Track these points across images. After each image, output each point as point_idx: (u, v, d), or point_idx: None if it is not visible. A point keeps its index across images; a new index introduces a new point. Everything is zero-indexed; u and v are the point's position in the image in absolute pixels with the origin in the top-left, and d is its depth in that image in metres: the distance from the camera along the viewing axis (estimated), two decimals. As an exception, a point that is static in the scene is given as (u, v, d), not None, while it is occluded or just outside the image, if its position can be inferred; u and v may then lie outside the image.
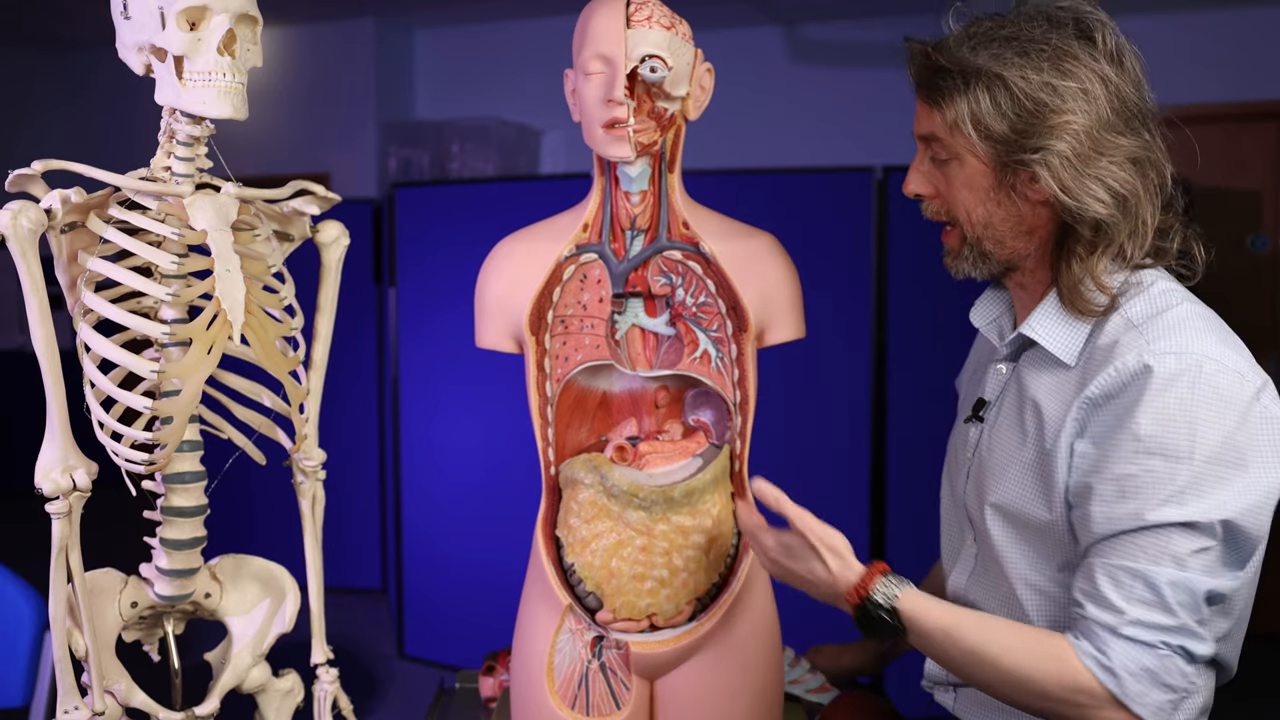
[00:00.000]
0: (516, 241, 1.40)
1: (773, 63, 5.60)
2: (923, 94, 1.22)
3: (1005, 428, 1.29)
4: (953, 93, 1.15)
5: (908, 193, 1.28)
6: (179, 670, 1.40)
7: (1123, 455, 1.11)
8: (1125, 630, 1.08)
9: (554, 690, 1.35)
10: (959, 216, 1.24)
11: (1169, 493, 1.08)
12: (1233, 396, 1.09)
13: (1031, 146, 1.13)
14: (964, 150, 1.19)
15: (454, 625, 3.73)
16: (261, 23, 1.23)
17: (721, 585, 1.36)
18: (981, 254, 1.24)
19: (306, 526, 1.42)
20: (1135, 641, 1.08)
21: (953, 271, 1.29)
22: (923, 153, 1.26)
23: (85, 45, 6.66)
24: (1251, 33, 4.29)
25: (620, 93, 1.25)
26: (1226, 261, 4.76)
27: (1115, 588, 1.09)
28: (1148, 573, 1.08)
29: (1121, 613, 1.09)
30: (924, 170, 1.26)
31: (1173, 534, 1.08)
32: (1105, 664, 1.08)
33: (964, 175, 1.20)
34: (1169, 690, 1.08)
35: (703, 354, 1.37)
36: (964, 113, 1.15)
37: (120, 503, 1.52)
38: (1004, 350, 1.32)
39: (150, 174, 1.26)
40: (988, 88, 1.13)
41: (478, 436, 3.62)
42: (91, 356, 1.24)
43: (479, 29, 6.10)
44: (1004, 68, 1.13)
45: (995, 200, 1.20)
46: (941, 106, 1.17)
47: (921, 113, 1.24)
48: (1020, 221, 1.21)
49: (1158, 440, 1.09)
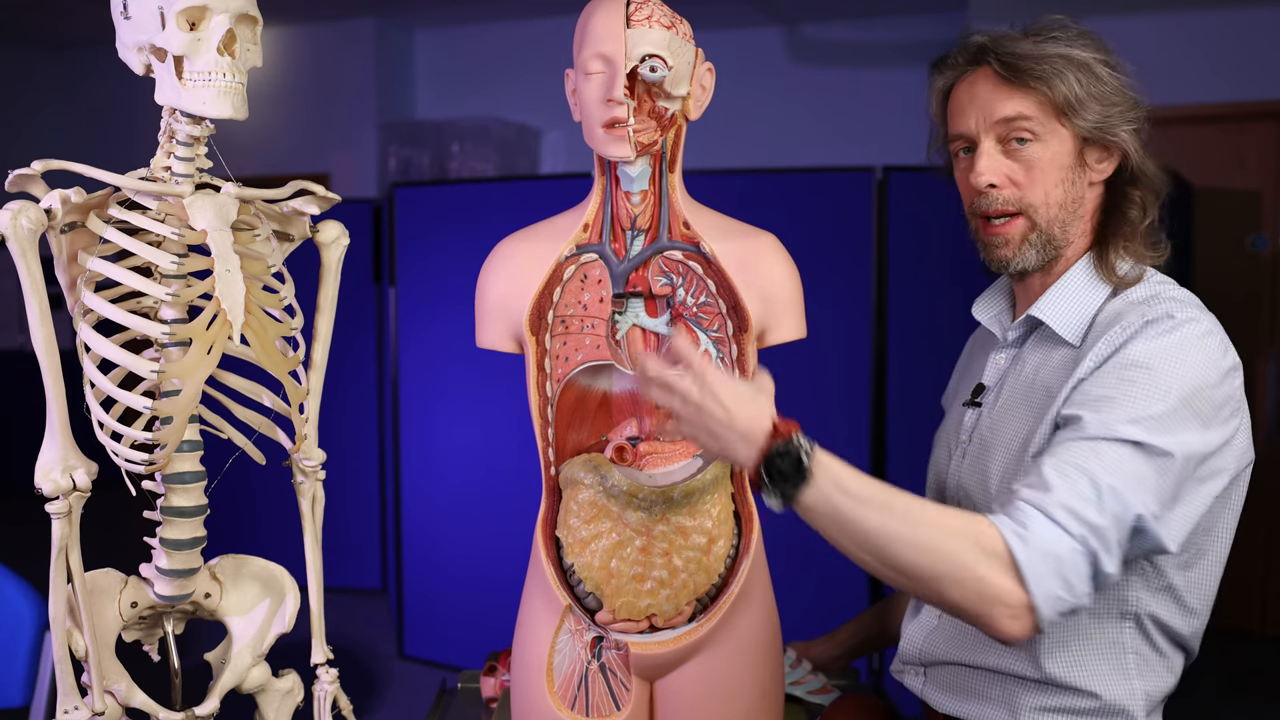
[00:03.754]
0: (517, 241, 1.40)
1: (773, 63, 5.60)
2: (1016, 78, 1.28)
3: (1010, 408, 1.33)
4: (1054, 76, 1.26)
5: (981, 184, 1.30)
6: (179, 670, 1.40)
7: (1108, 381, 1.18)
8: (1052, 511, 1.10)
9: (553, 691, 1.35)
10: (1035, 201, 1.30)
11: (1141, 414, 1.14)
12: (1218, 357, 1.20)
13: (1116, 121, 1.27)
14: (1058, 130, 1.28)
15: (454, 625, 3.73)
16: (261, 23, 1.23)
17: (721, 586, 1.36)
18: (1049, 240, 1.31)
19: (306, 526, 1.42)
20: (1057, 524, 1.09)
21: (1011, 265, 1.33)
22: (991, 143, 1.31)
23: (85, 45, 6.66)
24: (1251, 33, 4.29)
25: (620, 92, 1.25)
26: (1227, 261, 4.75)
27: (1059, 476, 1.12)
28: (1094, 473, 1.11)
29: (1054, 495, 1.10)
30: (997, 160, 1.30)
31: (1128, 451, 1.13)
32: (1020, 533, 1.09)
33: (1048, 155, 1.29)
34: (1066, 587, 1.09)
35: (703, 354, 1.37)
36: (1071, 93, 1.26)
37: (120, 503, 1.52)
38: (1008, 338, 1.39)
39: (150, 174, 1.26)
40: (1081, 72, 1.26)
41: (478, 436, 3.62)
42: (91, 356, 1.23)
43: (479, 29, 6.10)
44: (1086, 56, 1.27)
45: (1070, 179, 1.30)
46: (1044, 88, 1.26)
47: (1003, 97, 1.29)
48: (1080, 203, 1.32)
49: (1144, 368, 1.17)
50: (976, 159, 1.31)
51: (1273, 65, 4.24)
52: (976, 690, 1.32)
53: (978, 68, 1.32)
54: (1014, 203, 1.30)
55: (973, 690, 1.33)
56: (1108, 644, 1.25)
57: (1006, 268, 1.33)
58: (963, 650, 1.33)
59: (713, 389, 1.14)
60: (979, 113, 1.30)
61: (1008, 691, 1.29)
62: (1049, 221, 1.30)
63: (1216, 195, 4.22)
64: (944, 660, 1.36)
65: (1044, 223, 1.30)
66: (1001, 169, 1.30)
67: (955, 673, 1.35)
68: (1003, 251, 1.32)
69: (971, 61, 1.33)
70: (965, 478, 1.36)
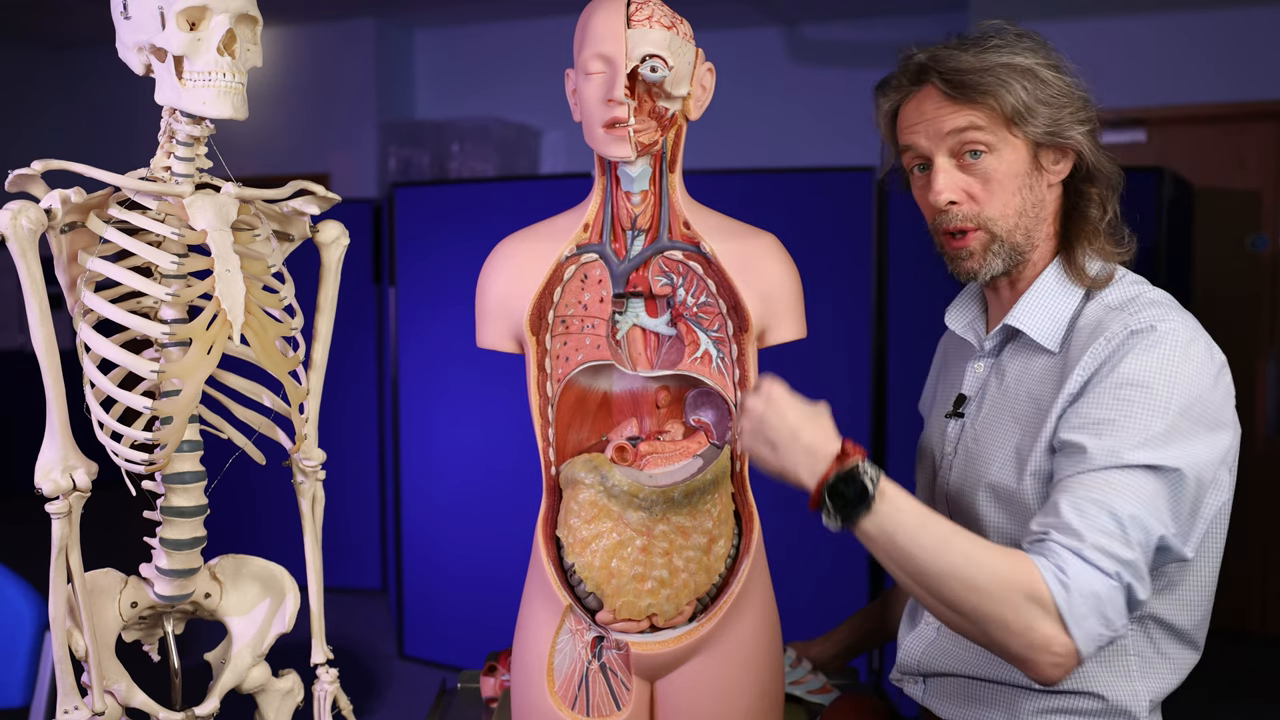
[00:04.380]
0: (517, 241, 1.40)
1: (773, 63, 5.60)
2: (958, 94, 1.27)
3: (994, 418, 1.33)
4: (998, 87, 1.25)
5: (940, 202, 1.30)
6: (179, 670, 1.40)
7: (1104, 401, 1.18)
8: (1087, 553, 1.10)
9: (554, 691, 1.35)
10: (994, 214, 1.29)
11: (1145, 436, 1.14)
12: (1206, 364, 1.20)
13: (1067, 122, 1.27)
14: (1010, 139, 1.27)
15: (454, 625, 3.73)
16: (261, 23, 1.23)
17: (722, 586, 1.36)
18: (1013, 247, 1.31)
19: (306, 526, 1.42)
20: (1093, 566, 1.10)
21: (976, 275, 1.32)
22: (945, 159, 1.30)
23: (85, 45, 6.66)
24: (1251, 33, 4.29)
25: (620, 92, 1.25)
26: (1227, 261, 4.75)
27: (1080, 516, 1.12)
28: (1113, 505, 1.12)
29: (1084, 538, 1.11)
30: (954, 176, 1.30)
31: (1140, 475, 1.13)
32: (1062, 579, 1.09)
33: (1004, 166, 1.28)
34: (1106, 623, 1.11)
35: (704, 354, 1.37)
36: (1018, 102, 1.25)
37: (120, 503, 1.52)
38: (985, 347, 1.39)
39: (150, 174, 1.26)
40: (1025, 79, 1.25)
41: (478, 436, 3.62)
42: (91, 356, 1.23)
43: (479, 29, 6.10)
44: (1028, 61, 1.26)
45: (1028, 186, 1.29)
46: (990, 100, 1.25)
47: (949, 112, 1.28)
48: (1041, 206, 1.31)
49: (1140, 387, 1.17)
50: (933, 177, 1.30)
51: (1273, 65, 4.24)
52: (978, 697, 1.32)
53: (922, 87, 1.31)
54: (973, 218, 1.30)
55: (974, 697, 1.33)
56: (1110, 648, 1.25)
57: (975, 278, 1.33)
58: (963, 662, 1.33)
59: (777, 403, 1.18)
60: (928, 129, 1.30)
61: (1009, 697, 1.29)
62: (1009, 231, 1.30)
63: (1216, 195, 4.22)
64: (944, 672, 1.36)
65: (1004, 233, 1.29)
66: (959, 185, 1.29)
67: (956, 683, 1.35)
68: (968, 264, 1.32)
69: (915, 81, 1.32)
70: (953, 490, 1.37)
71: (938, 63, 1.28)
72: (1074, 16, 4.41)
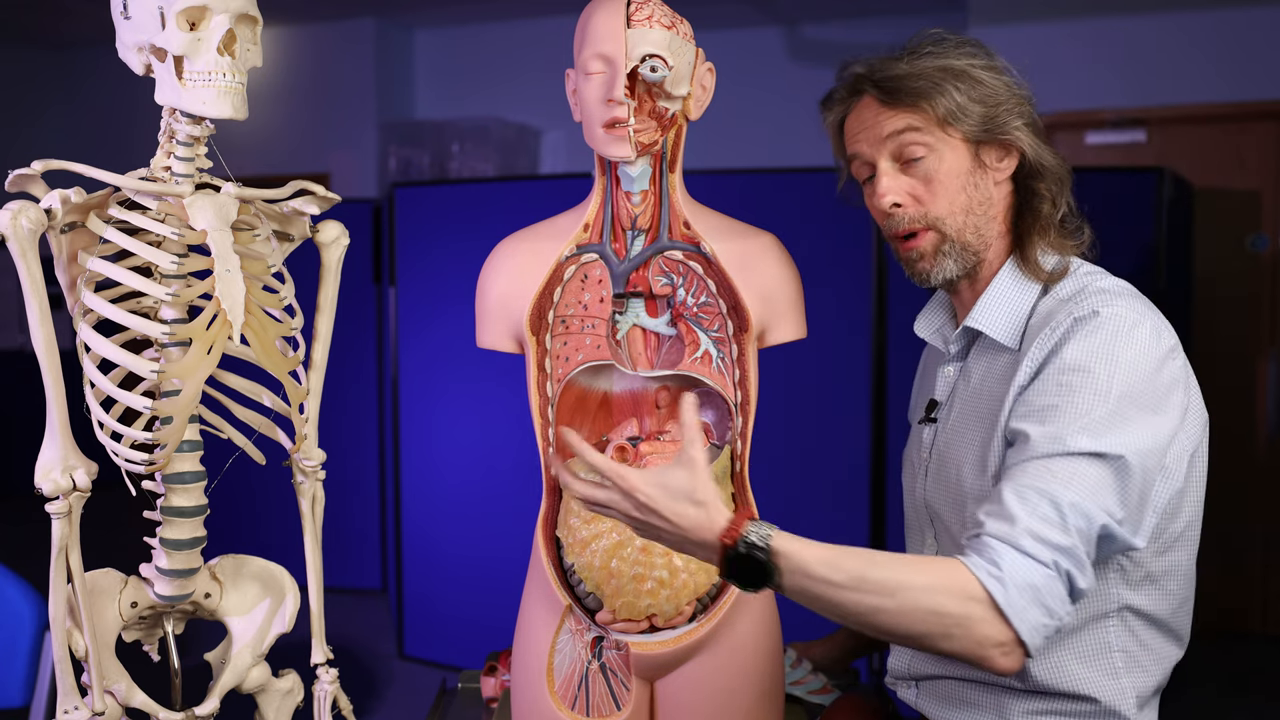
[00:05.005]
0: (517, 241, 1.40)
1: (773, 63, 5.60)
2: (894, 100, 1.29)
3: (962, 420, 1.34)
4: (931, 90, 1.27)
5: (884, 205, 1.31)
6: (179, 670, 1.40)
7: (1048, 388, 1.19)
8: (1021, 541, 1.09)
9: (554, 691, 1.35)
10: (941, 213, 1.30)
11: (1086, 422, 1.14)
12: (1150, 346, 1.19)
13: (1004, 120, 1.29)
14: (947, 139, 1.29)
15: (454, 625, 3.73)
16: (261, 23, 1.23)
17: (722, 586, 1.36)
18: (964, 246, 1.31)
19: (306, 526, 1.42)
20: (1027, 555, 1.09)
21: (931, 277, 1.33)
22: (888, 164, 1.32)
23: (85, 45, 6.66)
24: (1251, 33, 4.29)
25: (620, 92, 1.25)
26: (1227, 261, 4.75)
27: (1020, 502, 1.11)
28: (1054, 492, 1.11)
29: (1018, 525, 1.10)
30: (897, 179, 1.31)
31: (1082, 463, 1.13)
32: (995, 574, 1.08)
33: (946, 165, 1.29)
34: (1048, 613, 1.09)
35: (704, 354, 1.37)
36: (950, 103, 1.27)
37: (120, 503, 1.52)
38: (951, 351, 1.40)
39: (150, 174, 1.26)
40: (957, 81, 1.27)
41: (478, 436, 3.62)
42: (91, 356, 1.23)
43: (479, 29, 6.10)
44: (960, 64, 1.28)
45: (973, 184, 1.30)
46: (924, 103, 1.27)
47: (886, 118, 1.30)
48: (990, 204, 1.32)
49: (1080, 372, 1.17)
50: (877, 181, 1.32)
51: (1273, 65, 4.24)
52: (968, 699, 1.33)
53: (860, 97, 1.33)
54: (920, 220, 1.31)
55: (964, 699, 1.33)
56: (1094, 646, 1.25)
57: (929, 281, 1.34)
58: (950, 665, 1.34)
59: (649, 505, 1.10)
60: (868, 136, 1.32)
61: (998, 700, 1.30)
62: (959, 230, 1.30)
63: (1216, 195, 4.22)
64: (933, 675, 1.37)
65: (954, 232, 1.30)
66: (903, 187, 1.31)
67: (946, 685, 1.36)
68: (920, 265, 1.33)
69: (853, 92, 1.34)
70: (931, 496, 1.37)
71: (872, 72, 1.31)
72: (1074, 16, 4.41)
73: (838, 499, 3.18)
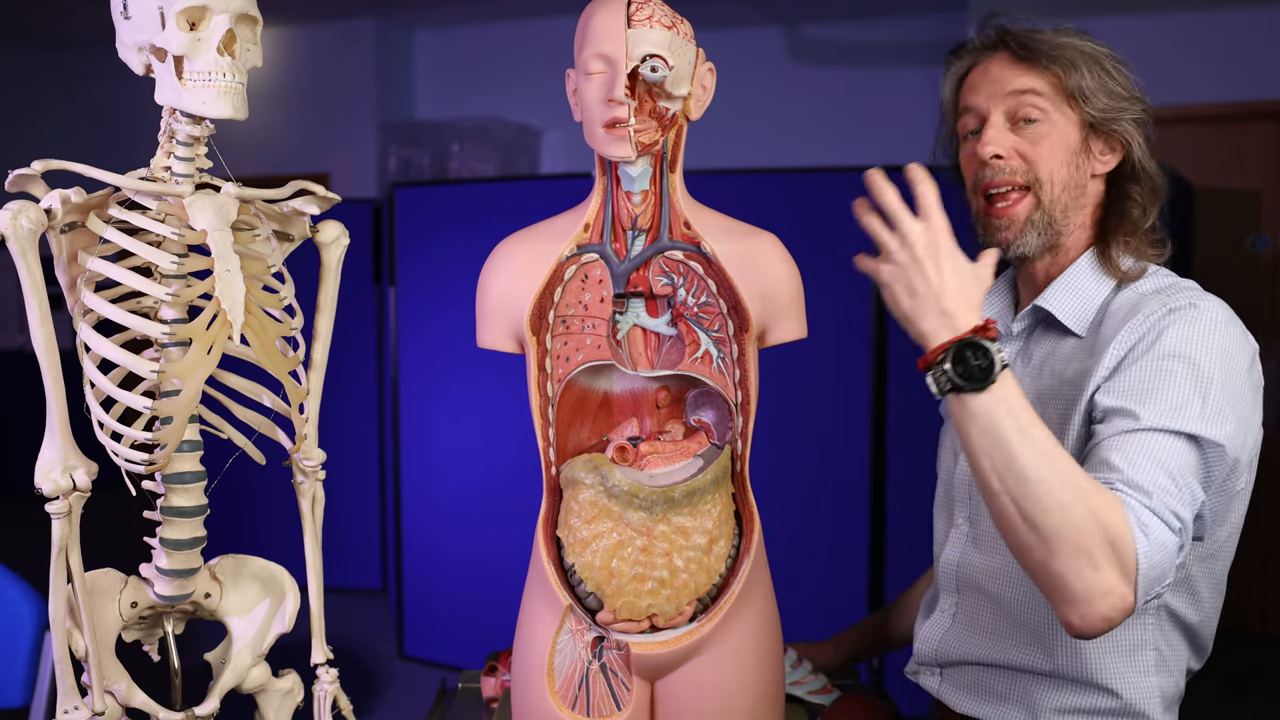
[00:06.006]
0: (518, 241, 1.40)
1: (773, 63, 5.60)
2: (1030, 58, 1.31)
3: None
4: (1067, 61, 1.30)
5: (986, 154, 1.32)
6: (179, 670, 1.40)
7: (1145, 374, 1.18)
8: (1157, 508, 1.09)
9: (554, 691, 1.35)
10: (1042, 176, 1.31)
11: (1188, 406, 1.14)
12: (1243, 346, 1.21)
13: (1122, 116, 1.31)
14: (1064, 113, 1.31)
15: (454, 625, 3.73)
16: (261, 23, 1.23)
17: (722, 586, 1.36)
18: (1050, 222, 1.32)
19: (306, 526, 1.42)
20: (1164, 521, 1.09)
21: (1011, 248, 1.33)
22: (1000, 117, 1.33)
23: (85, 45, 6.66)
24: (1251, 33, 4.29)
25: (621, 92, 1.25)
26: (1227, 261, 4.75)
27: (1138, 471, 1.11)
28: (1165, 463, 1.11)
29: (1150, 493, 1.10)
30: (1005, 133, 1.33)
31: (1183, 442, 1.14)
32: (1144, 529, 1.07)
33: (1056, 134, 1.31)
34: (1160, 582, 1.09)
35: (704, 354, 1.37)
36: (1080, 81, 1.29)
37: (120, 503, 1.52)
38: (1014, 330, 1.40)
39: (150, 174, 1.26)
40: (1093, 64, 1.31)
41: (478, 436, 3.62)
42: (91, 356, 1.23)
43: (479, 29, 6.10)
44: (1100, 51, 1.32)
45: (1075, 163, 1.32)
46: (1055, 71, 1.30)
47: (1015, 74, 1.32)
48: (1082, 191, 1.33)
49: (1181, 359, 1.17)
50: (984, 131, 1.33)
51: (1273, 65, 4.24)
52: (995, 690, 1.32)
53: (995, 52, 1.35)
54: (1020, 173, 1.31)
55: (991, 690, 1.33)
56: (1131, 640, 1.25)
57: (1007, 251, 1.34)
58: (980, 649, 1.33)
59: (939, 247, 1.08)
60: (991, 87, 1.33)
61: (1026, 691, 1.29)
62: (1052, 201, 1.31)
63: (1216, 195, 4.22)
64: (961, 660, 1.36)
65: (1048, 201, 1.31)
66: (1008, 141, 1.32)
67: (973, 672, 1.35)
68: (1005, 234, 1.33)
69: (989, 47, 1.36)
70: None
71: (1015, 30, 1.34)
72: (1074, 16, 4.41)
73: (838, 499, 3.18)
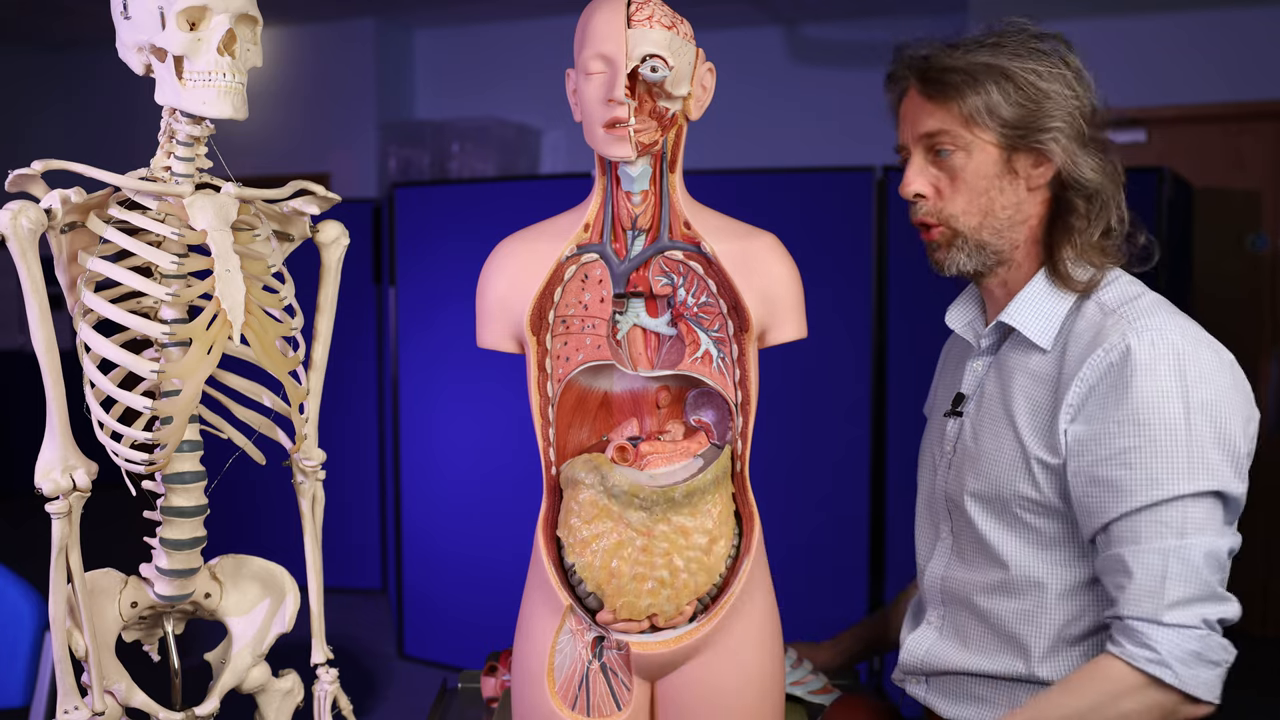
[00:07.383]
0: (517, 241, 1.40)
1: (773, 63, 5.60)
2: (931, 92, 1.30)
3: (989, 416, 1.34)
4: (965, 88, 1.26)
5: (908, 194, 1.34)
6: (179, 670, 1.40)
7: (1124, 432, 1.18)
8: (1166, 618, 1.12)
9: (554, 691, 1.35)
10: (955, 210, 1.31)
11: (1177, 464, 1.15)
12: (1214, 368, 1.19)
13: (1039, 128, 1.26)
14: (976, 140, 1.28)
15: (454, 625, 3.73)
16: (261, 23, 1.23)
17: (722, 586, 1.36)
18: (980, 245, 1.32)
19: (306, 526, 1.42)
20: (1177, 627, 1.12)
21: (943, 267, 1.36)
22: (920, 154, 1.33)
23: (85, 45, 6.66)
24: (1251, 33, 4.29)
25: (621, 92, 1.25)
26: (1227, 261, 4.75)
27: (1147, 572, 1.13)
28: (1177, 547, 1.13)
29: (1160, 597, 1.12)
30: (924, 171, 1.33)
31: (1189, 504, 1.14)
32: (1155, 659, 1.11)
33: (973, 165, 1.29)
34: (1214, 666, 1.13)
35: (704, 354, 1.37)
36: (981, 104, 1.26)
37: (120, 503, 1.52)
38: (982, 344, 1.40)
39: (150, 174, 1.26)
40: (997, 81, 1.26)
41: (478, 436, 3.62)
42: (91, 356, 1.23)
43: (479, 29, 6.10)
44: (1008, 64, 1.26)
45: (999, 187, 1.30)
46: (956, 101, 1.27)
47: (924, 112, 1.31)
48: (1019, 209, 1.31)
49: (1156, 413, 1.17)
50: (906, 170, 1.35)
51: (1273, 65, 4.24)
52: (979, 695, 1.33)
53: (909, 84, 1.36)
54: (933, 214, 1.33)
55: (976, 695, 1.33)
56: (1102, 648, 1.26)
57: (943, 270, 1.36)
58: (966, 660, 1.34)
59: None
60: (908, 128, 1.34)
61: (1011, 695, 1.30)
62: (973, 229, 1.31)
63: (1216, 195, 4.22)
64: (946, 670, 1.36)
65: (967, 230, 1.31)
66: (928, 179, 1.33)
67: (958, 681, 1.36)
68: (936, 255, 1.36)
69: (902, 77, 1.37)
70: (953, 488, 1.37)
71: (914, 62, 1.33)
72: (1074, 16, 4.40)
73: (838, 499, 3.17)
